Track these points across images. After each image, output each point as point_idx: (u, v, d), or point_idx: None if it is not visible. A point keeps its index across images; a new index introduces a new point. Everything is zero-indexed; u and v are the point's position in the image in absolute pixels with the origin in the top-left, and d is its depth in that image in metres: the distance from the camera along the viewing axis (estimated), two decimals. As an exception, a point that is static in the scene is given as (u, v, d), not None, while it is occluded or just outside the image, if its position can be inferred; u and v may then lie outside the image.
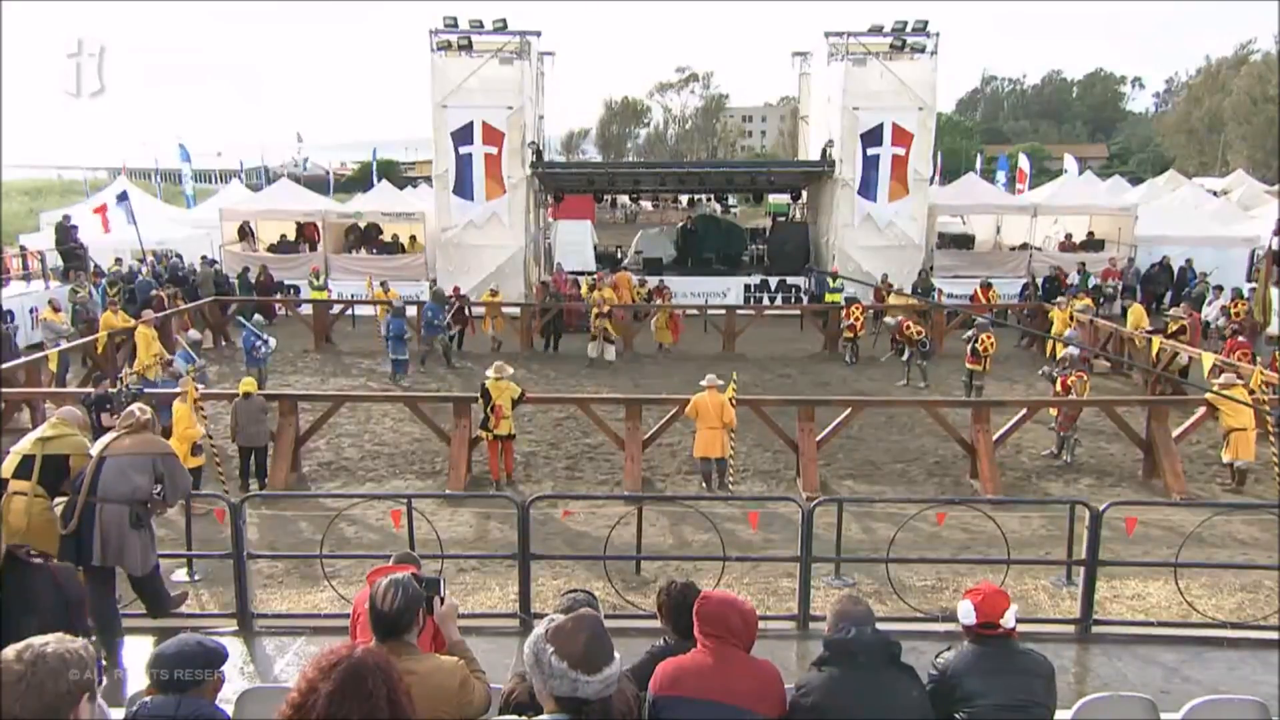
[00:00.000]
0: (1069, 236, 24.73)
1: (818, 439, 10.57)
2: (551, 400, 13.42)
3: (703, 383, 10.30)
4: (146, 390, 9.97)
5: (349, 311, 20.64)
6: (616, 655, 2.52)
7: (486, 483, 10.62)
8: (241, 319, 16.07)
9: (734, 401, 10.26)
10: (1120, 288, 22.54)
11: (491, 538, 8.85)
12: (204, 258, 22.57)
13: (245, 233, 24.85)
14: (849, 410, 11.03)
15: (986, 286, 20.87)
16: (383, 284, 20.50)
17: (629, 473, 10.51)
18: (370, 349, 18.59)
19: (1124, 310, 20.91)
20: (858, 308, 17.80)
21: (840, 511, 7.52)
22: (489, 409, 10.32)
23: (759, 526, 8.49)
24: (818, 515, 6.69)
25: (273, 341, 15.05)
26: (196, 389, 9.68)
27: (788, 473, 10.95)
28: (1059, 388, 11.83)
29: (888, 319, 17.18)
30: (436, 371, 16.70)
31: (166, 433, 7.89)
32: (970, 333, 14.83)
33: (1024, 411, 11.16)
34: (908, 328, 15.84)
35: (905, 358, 16.00)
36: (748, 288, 23.61)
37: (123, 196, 22.35)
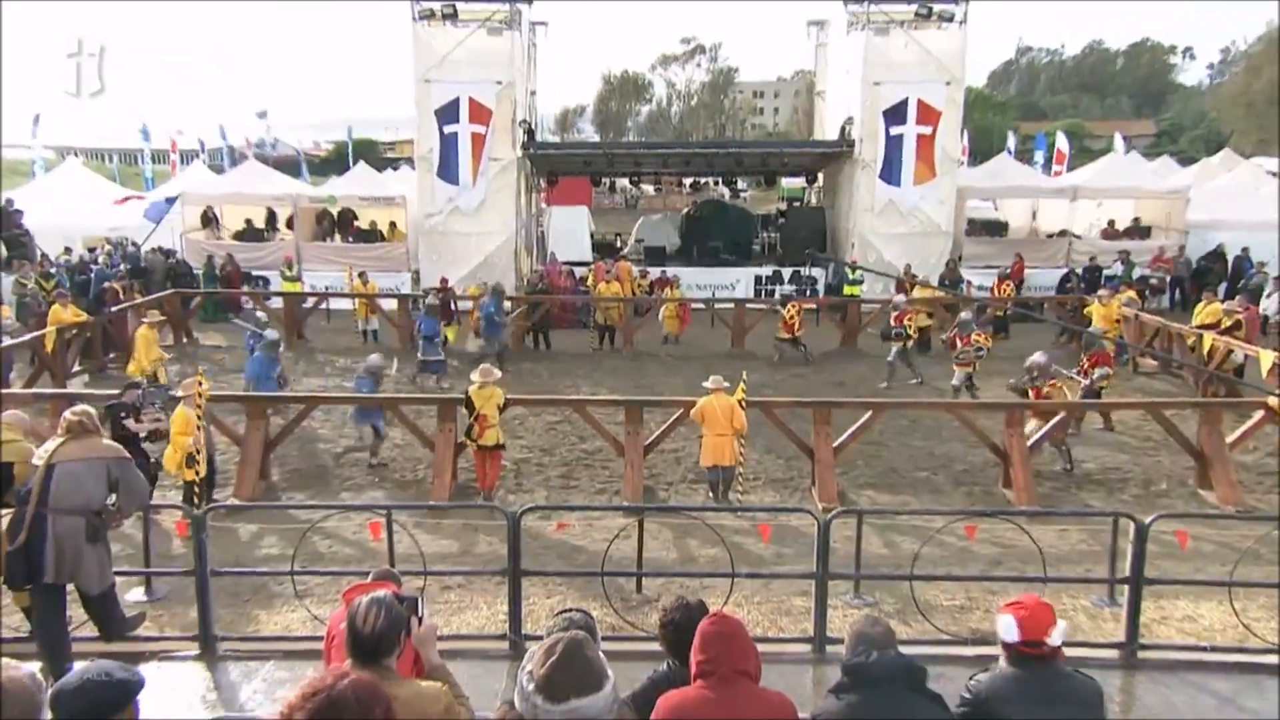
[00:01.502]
0: (1112, 223, 24.71)
1: (835, 444, 10.56)
2: (544, 402, 13.43)
3: (706, 384, 10.24)
4: (170, 394, 10.01)
5: (323, 305, 20.66)
6: (599, 693, 2.48)
7: (473, 492, 10.62)
8: (240, 320, 16.02)
9: (744, 404, 10.25)
10: (1168, 279, 22.53)
11: (479, 552, 8.85)
12: (159, 247, 22.59)
13: (209, 219, 24.87)
14: (869, 413, 11.01)
15: (1004, 278, 20.67)
16: (360, 275, 20.49)
17: (629, 481, 10.50)
18: (346, 346, 18.63)
19: (1184, 304, 20.89)
20: (793, 306, 17.59)
21: (860, 524, 7.52)
22: (473, 418, 10.28)
23: (771, 540, 8.49)
24: (835, 528, 6.70)
25: (272, 332, 14.92)
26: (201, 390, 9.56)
27: (802, 481, 10.95)
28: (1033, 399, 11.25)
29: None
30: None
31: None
32: (948, 334, 14.46)
33: (1061, 415, 11.14)
34: (909, 319, 15.75)
35: (892, 356, 15.72)
36: (759, 279, 23.62)
37: (170, 200, 22.17)
